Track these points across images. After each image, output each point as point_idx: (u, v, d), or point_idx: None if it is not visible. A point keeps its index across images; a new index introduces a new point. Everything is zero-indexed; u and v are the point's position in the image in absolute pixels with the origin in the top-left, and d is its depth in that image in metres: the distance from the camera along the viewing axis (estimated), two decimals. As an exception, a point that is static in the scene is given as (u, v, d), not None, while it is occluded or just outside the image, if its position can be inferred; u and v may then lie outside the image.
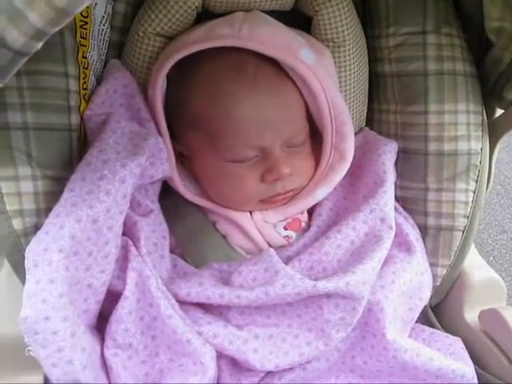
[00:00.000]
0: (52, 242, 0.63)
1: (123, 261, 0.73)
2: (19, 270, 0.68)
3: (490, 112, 0.91)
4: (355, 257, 0.80)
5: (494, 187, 2.36)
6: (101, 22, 0.82)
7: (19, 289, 0.64)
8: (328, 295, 0.75)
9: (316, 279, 0.76)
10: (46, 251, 0.63)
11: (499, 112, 0.91)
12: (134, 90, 0.82)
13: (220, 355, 0.74)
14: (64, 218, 0.65)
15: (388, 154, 0.88)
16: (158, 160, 0.78)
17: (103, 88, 0.80)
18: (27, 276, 0.63)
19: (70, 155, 0.75)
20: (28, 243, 0.65)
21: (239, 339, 0.74)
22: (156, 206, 0.81)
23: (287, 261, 0.81)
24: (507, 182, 2.44)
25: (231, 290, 0.74)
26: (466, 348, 0.85)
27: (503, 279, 1.98)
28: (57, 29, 0.48)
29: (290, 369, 0.76)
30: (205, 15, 0.84)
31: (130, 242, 0.75)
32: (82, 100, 0.77)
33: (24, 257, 0.64)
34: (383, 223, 0.82)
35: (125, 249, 0.74)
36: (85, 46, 0.77)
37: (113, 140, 0.73)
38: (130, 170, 0.71)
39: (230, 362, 0.75)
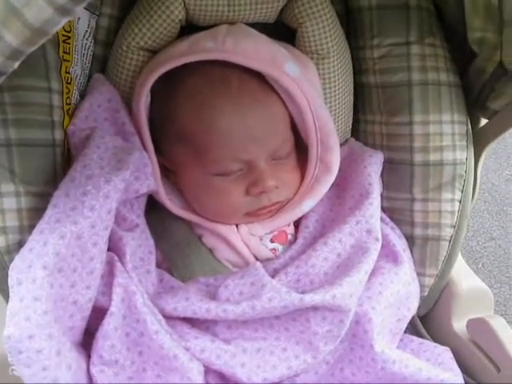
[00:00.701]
0: (36, 259, 0.63)
1: (109, 276, 0.73)
2: (2, 287, 0.67)
3: (474, 122, 0.92)
4: (342, 269, 0.80)
5: (481, 195, 2.37)
6: (84, 37, 0.82)
7: (3, 307, 0.64)
8: (315, 308, 0.75)
9: (303, 292, 0.76)
10: (30, 268, 0.62)
11: (484, 122, 0.92)
12: (118, 104, 0.82)
13: (207, 370, 0.73)
14: (48, 235, 0.64)
15: (374, 165, 0.88)
16: (143, 174, 0.78)
17: (87, 103, 0.80)
18: (11, 294, 0.62)
19: (53, 171, 0.75)
20: (11, 260, 0.64)
21: (226, 353, 0.73)
22: (141, 221, 0.80)
23: (274, 274, 0.80)
24: (494, 190, 2.45)
25: (218, 304, 0.74)
26: (455, 357, 0.85)
27: (492, 286, 2.00)
28: (33, 48, 0.48)
29: (279, 383, 0.76)
30: (188, 28, 0.84)
31: (115, 258, 0.74)
32: (66, 115, 0.77)
33: (7, 274, 0.63)
34: (369, 235, 0.82)
35: (110, 264, 0.74)
36: (68, 60, 0.77)
37: (97, 155, 0.73)
38: (114, 185, 0.70)
39: (217, 377, 0.75)
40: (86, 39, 0.83)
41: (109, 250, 0.74)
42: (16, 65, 0.50)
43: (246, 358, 0.74)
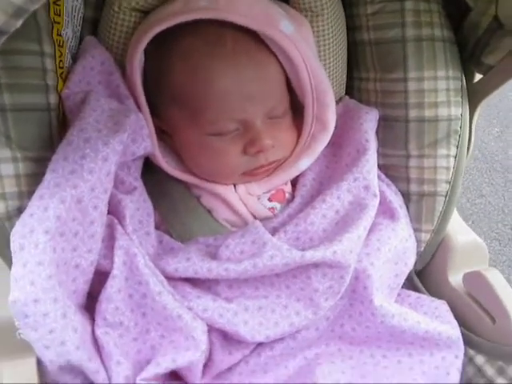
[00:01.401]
0: (37, 224, 0.63)
1: (109, 239, 0.73)
2: (5, 253, 0.67)
3: (469, 77, 0.91)
4: (341, 226, 0.80)
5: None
6: (74, -2, 0.80)
7: (6, 273, 0.64)
8: (315, 265, 0.76)
9: (302, 249, 0.77)
10: (32, 233, 0.62)
11: (478, 77, 0.91)
12: (112, 66, 0.81)
13: (210, 329, 0.74)
14: (48, 200, 0.64)
15: (369, 122, 0.89)
16: (140, 137, 0.77)
17: (80, 66, 0.79)
18: (14, 259, 0.62)
19: (50, 135, 0.74)
20: (12, 226, 0.64)
21: (229, 312, 0.74)
22: (139, 183, 0.80)
23: (273, 232, 0.81)
24: (484, 147, 2.47)
25: (219, 263, 0.75)
26: (452, 310, 0.87)
27: (482, 242, 2.00)
28: (37, 6, 0.47)
29: (281, 339, 0.77)
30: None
31: (115, 221, 0.74)
32: (59, 79, 0.76)
33: (9, 240, 0.63)
34: (367, 191, 0.83)
35: (110, 227, 0.74)
36: (59, 23, 0.75)
37: (93, 118, 0.72)
38: (112, 147, 0.70)
39: (220, 335, 0.76)
40: (76, 0, 0.81)
41: (108, 213, 0.74)
42: (19, 23, 0.49)
43: (248, 315, 0.75)
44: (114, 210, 0.75)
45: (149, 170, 0.84)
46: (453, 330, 0.82)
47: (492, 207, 2.24)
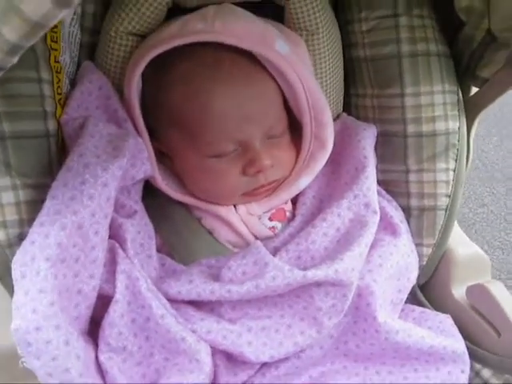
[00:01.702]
0: (38, 251, 0.63)
1: (111, 264, 0.73)
2: (6, 281, 0.68)
3: (465, 90, 0.92)
4: (342, 243, 0.81)
5: (471, 162, 2.38)
6: (70, 24, 0.81)
7: (8, 301, 0.64)
8: (318, 284, 0.76)
9: (304, 268, 0.77)
10: (34, 261, 0.62)
11: (474, 90, 0.92)
12: (109, 91, 0.82)
13: (214, 351, 0.74)
14: (49, 227, 0.64)
15: (368, 139, 0.89)
16: (139, 160, 0.78)
17: (78, 91, 0.79)
18: (15, 287, 0.62)
19: (49, 161, 0.75)
20: (13, 254, 0.65)
21: (233, 333, 0.74)
22: (140, 207, 0.80)
23: (274, 252, 0.81)
24: (484, 156, 2.47)
25: (221, 285, 0.74)
26: (456, 324, 0.86)
27: (486, 252, 2.01)
28: (33, 42, 0.47)
29: (285, 359, 0.77)
30: (175, 11, 0.83)
31: (116, 245, 0.74)
32: (58, 105, 0.76)
33: (10, 268, 0.63)
34: (367, 208, 0.83)
35: (112, 252, 0.74)
36: (56, 49, 0.76)
37: (91, 144, 0.73)
38: (111, 173, 0.70)
39: (224, 357, 0.76)
40: (73, 26, 0.81)
41: (109, 237, 0.74)
42: (15, 60, 0.49)
43: (251, 336, 0.75)
44: (115, 234, 0.75)
45: (149, 192, 0.84)
46: (458, 344, 0.82)
47: (494, 216, 2.24)
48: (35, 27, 0.46)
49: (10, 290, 0.64)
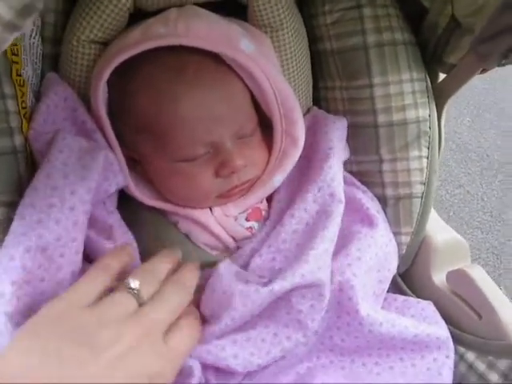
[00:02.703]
0: (3, 273, 0.63)
1: None
2: None
3: (433, 77, 0.92)
4: (308, 239, 0.80)
5: (446, 144, 2.40)
6: (31, 36, 0.79)
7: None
8: (291, 289, 0.75)
9: (280, 268, 0.78)
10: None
11: (442, 76, 0.92)
12: (76, 102, 0.80)
13: (204, 366, 0.73)
14: (14, 249, 0.64)
15: (336, 130, 0.89)
16: (111, 173, 0.77)
17: (43, 105, 0.78)
18: None
19: (18, 178, 0.73)
20: None
21: (216, 347, 0.73)
22: (116, 218, 0.79)
23: (253, 253, 0.81)
24: (457, 137, 2.49)
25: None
26: (438, 309, 0.87)
27: (465, 232, 2.05)
28: None
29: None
30: (137, 15, 0.82)
31: None
32: (23, 119, 0.75)
33: None
34: (333, 198, 0.83)
35: None
36: (17, 62, 0.74)
37: (60, 161, 0.72)
38: (79, 197, 0.70)
39: (214, 372, 0.75)
40: (33, 38, 0.80)
41: (87, 257, 0.74)
42: None
43: (237, 348, 0.74)
44: (92, 255, 0.75)
45: (123, 199, 0.83)
46: (441, 330, 0.83)
47: (471, 196, 2.26)
48: None
49: None
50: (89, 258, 0.75)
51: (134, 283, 0.61)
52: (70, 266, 0.69)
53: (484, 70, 0.85)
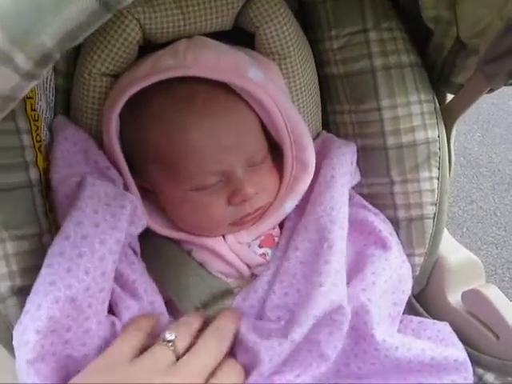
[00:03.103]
0: (30, 322, 0.64)
1: (111, 340, 0.71)
2: (1, 336, 0.69)
3: (441, 98, 0.93)
4: (314, 269, 0.80)
5: (456, 159, 2.39)
6: (44, 70, 0.81)
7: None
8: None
9: (294, 304, 0.78)
10: (25, 331, 0.64)
11: (450, 97, 0.93)
12: (86, 143, 0.81)
13: None
14: (42, 298, 0.64)
15: (341, 156, 0.89)
16: (136, 217, 0.77)
17: (58, 150, 0.79)
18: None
19: (34, 211, 0.74)
20: (6, 308, 0.67)
21: None
22: (138, 271, 0.78)
23: (268, 287, 0.81)
24: (468, 153, 2.49)
25: None
26: (455, 330, 0.87)
27: (479, 248, 2.03)
28: (4, 114, 0.48)
29: None
30: (147, 47, 0.83)
31: (117, 323, 0.73)
32: (38, 152, 0.76)
33: (4, 323, 0.66)
34: (332, 225, 0.82)
35: (112, 327, 0.73)
36: (31, 97, 0.76)
37: (90, 208, 0.72)
38: (109, 247, 0.70)
39: None
40: (47, 72, 0.81)
41: (112, 309, 0.74)
42: None
43: None
44: (116, 308, 0.75)
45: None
46: (459, 351, 0.82)
47: (484, 212, 2.25)
48: (6, 100, 0.46)
49: (5, 345, 0.66)
50: (111, 308, 0.75)
51: (171, 336, 0.66)
52: (96, 316, 0.69)
53: (491, 90, 0.85)
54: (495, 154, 2.51)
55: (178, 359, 0.64)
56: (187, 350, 0.66)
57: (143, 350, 0.65)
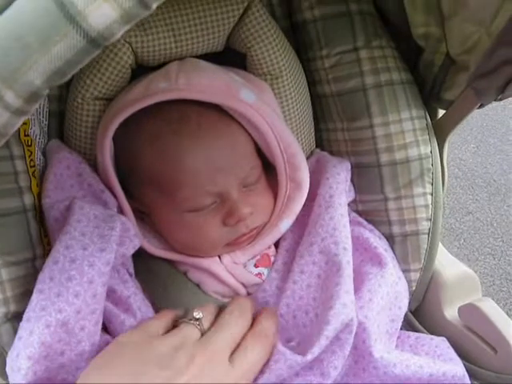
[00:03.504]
0: (22, 348, 0.64)
1: None
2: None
3: (432, 114, 0.94)
4: (323, 291, 0.80)
5: (451, 171, 2.41)
6: (37, 96, 0.81)
7: None
8: None
9: (303, 324, 0.79)
10: (17, 357, 0.64)
11: (441, 112, 0.94)
12: (79, 166, 0.82)
13: None
14: (34, 324, 0.65)
15: (336, 175, 0.89)
16: (127, 239, 0.77)
17: (51, 174, 0.79)
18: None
19: (29, 236, 0.74)
20: (0, 335, 0.67)
21: None
22: (132, 288, 0.78)
23: (267, 306, 0.81)
24: (463, 164, 2.50)
25: None
26: (452, 345, 0.87)
27: (477, 259, 2.04)
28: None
29: None
30: (140, 70, 0.84)
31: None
32: (32, 177, 0.76)
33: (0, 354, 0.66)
34: (337, 246, 0.82)
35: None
36: (25, 123, 0.76)
37: (78, 232, 0.72)
38: (98, 269, 0.70)
39: None
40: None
41: (107, 329, 0.74)
42: None
43: None
44: (111, 326, 0.75)
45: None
46: (457, 367, 0.82)
47: (480, 223, 2.26)
48: None
49: (2, 372, 0.65)
50: (106, 327, 0.75)
51: (198, 314, 0.69)
52: (89, 339, 0.69)
53: (482, 105, 0.86)
54: (490, 164, 2.52)
55: None
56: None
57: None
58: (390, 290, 0.85)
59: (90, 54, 0.41)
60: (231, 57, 0.89)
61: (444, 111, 0.93)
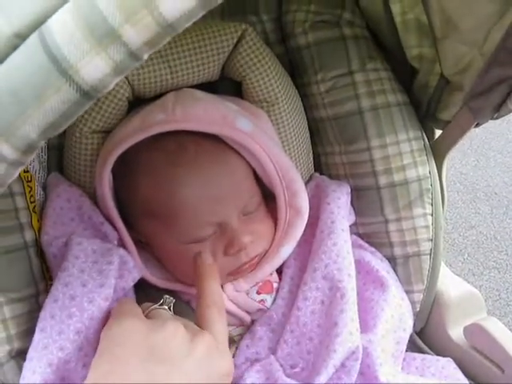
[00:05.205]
0: None
1: None
2: None
3: (429, 134, 0.94)
4: (327, 317, 0.80)
5: (452, 186, 2.41)
6: (36, 131, 0.82)
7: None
8: None
9: (308, 350, 0.78)
10: None
11: (439, 132, 0.94)
12: (79, 200, 0.82)
13: None
14: (36, 363, 0.65)
15: (337, 200, 0.89)
16: (126, 271, 0.77)
17: (50, 208, 0.80)
18: None
19: (31, 272, 0.75)
20: (4, 373, 0.67)
21: None
22: None
23: (274, 335, 0.81)
24: (464, 178, 2.49)
25: None
26: (458, 366, 0.87)
27: (482, 273, 2.02)
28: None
29: None
30: (137, 102, 0.85)
31: None
32: (32, 213, 0.77)
33: None
34: (341, 272, 0.82)
35: None
36: (25, 160, 0.77)
37: (77, 268, 0.72)
38: (97, 305, 0.70)
39: None
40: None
41: None
42: None
43: None
44: None
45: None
46: (463, 388, 0.82)
47: (484, 237, 2.24)
48: None
49: None
50: None
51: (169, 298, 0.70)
52: None
53: (478, 124, 0.87)
54: (491, 177, 2.52)
55: None
56: None
57: None
58: (394, 312, 0.85)
59: (83, 106, 0.42)
60: (227, 85, 0.90)
61: (441, 131, 0.93)
